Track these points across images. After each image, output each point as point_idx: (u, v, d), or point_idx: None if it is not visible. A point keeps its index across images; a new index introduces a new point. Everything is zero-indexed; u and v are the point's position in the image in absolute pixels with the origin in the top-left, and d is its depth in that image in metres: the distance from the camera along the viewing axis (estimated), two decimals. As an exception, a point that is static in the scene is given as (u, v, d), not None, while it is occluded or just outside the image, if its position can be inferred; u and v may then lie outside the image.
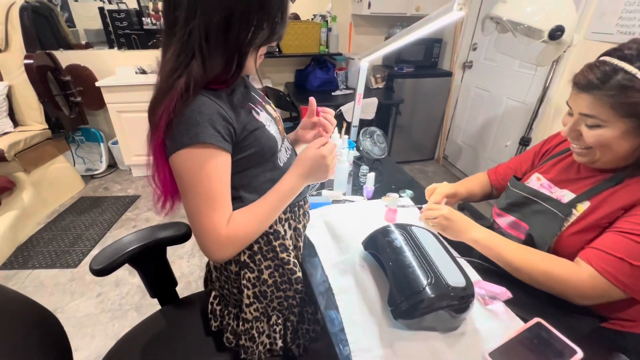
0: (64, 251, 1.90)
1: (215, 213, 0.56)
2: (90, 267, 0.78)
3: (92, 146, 2.82)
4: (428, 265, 0.58)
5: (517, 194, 0.82)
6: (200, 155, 0.54)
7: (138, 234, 0.87)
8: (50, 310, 1.47)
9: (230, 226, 0.58)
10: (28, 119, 2.24)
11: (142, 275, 0.91)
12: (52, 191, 2.31)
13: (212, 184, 0.55)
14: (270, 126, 0.65)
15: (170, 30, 0.53)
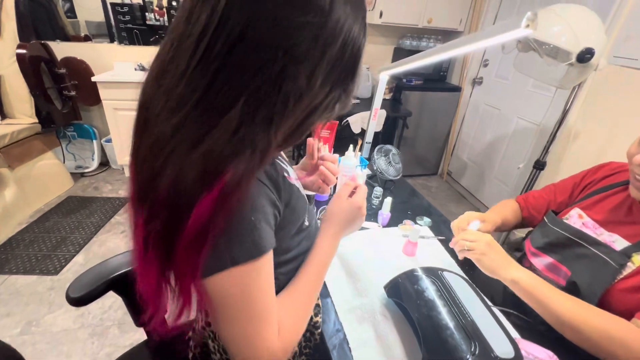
0: (45, 256, 1.77)
1: (267, 329, 0.42)
2: (67, 295, 0.67)
3: (85, 143, 2.69)
4: (469, 327, 0.48)
5: (557, 233, 0.73)
6: (254, 270, 0.39)
7: (123, 258, 0.76)
8: (25, 323, 1.34)
9: (283, 334, 0.44)
10: (17, 111, 2.11)
11: (127, 302, 0.80)
12: (38, 189, 2.18)
13: (265, 298, 0.42)
14: (299, 185, 0.54)
15: (225, 74, 0.32)
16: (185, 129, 0.33)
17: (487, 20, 2.47)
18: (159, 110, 0.34)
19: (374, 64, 2.80)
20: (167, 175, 0.33)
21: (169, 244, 0.35)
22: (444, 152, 3.04)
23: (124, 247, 1.87)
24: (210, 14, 0.31)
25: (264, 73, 0.32)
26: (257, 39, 0.31)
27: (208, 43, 0.31)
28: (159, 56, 0.36)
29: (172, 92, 0.33)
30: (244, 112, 0.33)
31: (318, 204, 1.00)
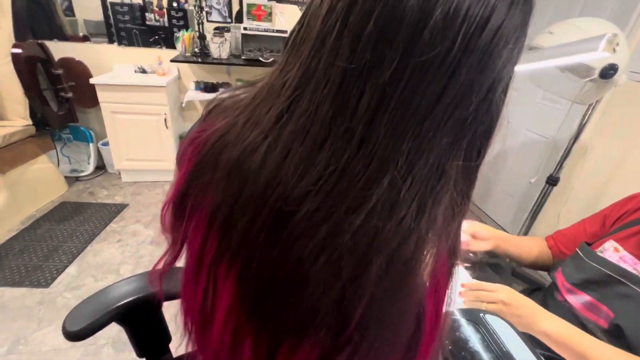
0: (35, 266, 1.68)
1: None
2: (64, 328, 0.59)
3: (80, 145, 2.60)
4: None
5: (595, 269, 0.68)
6: None
7: (128, 284, 0.69)
8: (12, 341, 1.25)
9: None
10: (10, 113, 2.02)
11: (130, 334, 0.72)
12: (30, 194, 2.09)
13: None
14: None
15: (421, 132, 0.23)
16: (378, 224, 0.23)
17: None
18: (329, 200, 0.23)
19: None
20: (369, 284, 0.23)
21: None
22: (448, 162, 3.00)
23: (119, 258, 1.79)
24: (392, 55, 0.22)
25: (475, 123, 0.25)
26: (460, 86, 0.23)
27: (392, 95, 0.22)
28: (291, 122, 0.25)
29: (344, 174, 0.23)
30: (455, 174, 0.25)
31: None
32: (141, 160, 2.44)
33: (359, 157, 0.23)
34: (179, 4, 2.46)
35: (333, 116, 0.23)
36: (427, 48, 0.21)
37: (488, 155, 0.28)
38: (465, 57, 0.22)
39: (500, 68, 0.24)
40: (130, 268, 1.73)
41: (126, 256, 1.81)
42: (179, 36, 2.38)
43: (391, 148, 0.22)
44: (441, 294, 0.26)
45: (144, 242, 1.92)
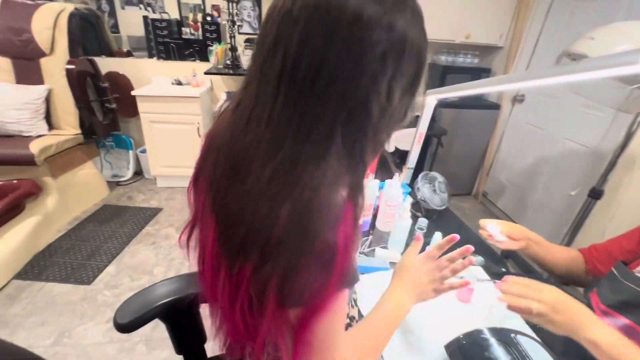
0: (79, 264, 1.81)
1: (338, 345, 0.41)
2: (115, 320, 0.66)
3: (121, 152, 2.79)
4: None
5: (633, 290, 0.63)
6: (344, 298, 0.39)
7: (170, 284, 0.74)
8: (58, 333, 1.35)
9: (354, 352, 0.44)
10: (63, 123, 2.22)
11: (170, 331, 0.77)
12: (77, 197, 2.27)
13: (340, 332, 0.41)
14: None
15: (318, 107, 0.33)
16: (284, 174, 0.33)
17: (531, 35, 2.34)
18: (249, 159, 0.35)
19: (406, 80, 2.73)
20: (281, 219, 0.32)
21: (291, 283, 0.34)
22: (479, 172, 2.89)
23: (153, 259, 1.89)
24: (283, 57, 0.32)
25: (350, 100, 0.33)
26: (333, 71, 0.31)
27: (287, 86, 0.32)
28: (239, 109, 0.38)
29: (261, 140, 0.34)
30: (340, 141, 0.33)
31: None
32: (175, 167, 2.57)
33: (270, 130, 0.34)
34: (213, 18, 2.60)
35: (254, 106, 0.35)
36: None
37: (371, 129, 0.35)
38: (333, 47, 0.31)
39: (365, 59, 0.32)
40: (163, 270, 1.81)
41: (159, 258, 1.90)
42: (213, 49, 2.50)
43: (291, 121, 0.33)
44: (349, 229, 0.34)
45: (176, 245, 2.02)
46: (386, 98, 0.34)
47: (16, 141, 1.94)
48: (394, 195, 0.87)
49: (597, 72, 0.56)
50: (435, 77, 2.65)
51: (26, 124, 2.03)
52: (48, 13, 2.09)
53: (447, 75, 2.57)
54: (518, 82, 0.74)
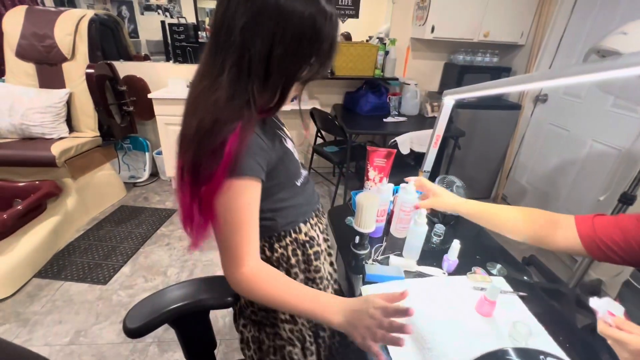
0: (96, 264, 1.85)
1: (239, 245, 0.56)
2: (125, 325, 0.65)
3: (138, 154, 2.85)
4: None
5: None
6: (239, 187, 0.54)
7: (179, 289, 0.73)
8: (74, 332, 1.37)
9: (255, 271, 0.57)
10: (83, 125, 2.28)
11: (179, 335, 0.76)
12: (95, 198, 2.32)
13: (241, 216, 0.55)
14: (294, 152, 0.67)
15: (222, 53, 0.50)
16: (205, 93, 0.51)
17: (555, 32, 2.24)
18: (195, 85, 0.54)
19: (421, 80, 2.67)
20: (195, 119, 0.50)
21: (197, 168, 0.51)
22: (498, 175, 2.79)
23: (167, 260, 1.90)
24: (213, 24, 0.52)
25: (238, 49, 0.48)
26: (231, 28, 0.48)
27: (211, 43, 0.52)
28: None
29: (200, 74, 0.53)
30: (234, 77, 0.50)
31: (372, 240, 0.91)
32: (190, 169, 2.60)
33: (200, 73, 0.54)
34: (228, 22, 2.62)
35: (203, 73, 0.53)
36: None
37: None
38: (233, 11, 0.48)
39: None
40: (176, 271, 1.83)
41: (173, 259, 1.92)
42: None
43: (207, 64, 0.52)
44: (236, 138, 0.49)
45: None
46: (265, 52, 0.48)
47: (38, 143, 2.00)
48: (409, 200, 0.83)
49: (631, 69, 0.51)
50: (452, 77, 2.57)
51: (48, 127, 2.10)
52: (70, 19, 2.15)
53: (465, 75, 2.49)
54: (543, 80, 0.68)
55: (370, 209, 0.73)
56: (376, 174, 0.94)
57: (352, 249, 0.84)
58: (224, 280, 0.79)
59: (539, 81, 0.72)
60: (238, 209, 0.54)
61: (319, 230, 0.73)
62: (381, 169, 0.93)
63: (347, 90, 2.76)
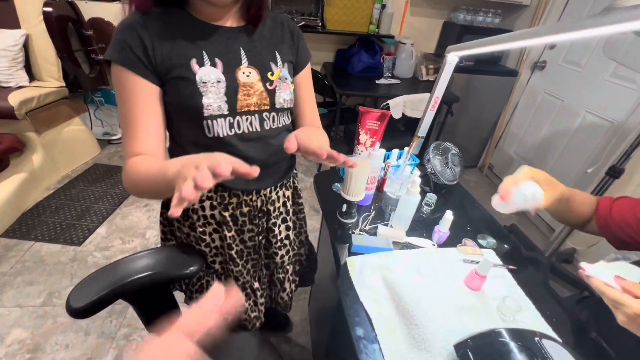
0: (69, 225, 1.76)
1: (127, 138, 0.56)
2: (68, 304, 0.57)
3: (112, 109, 2.64)
4: None
5: None
6: (118, 73, 0.54)
7: (139, 260, 0.65)
8: (47, 293, 1.31)
9: (134, 162, 0.55)
10: (44, 73, 2.05)
11: (138, 311, 0.70)
12: (65, 155, 2.16)
13: (127, 108, 0.55)
14: (210, 89, 0.57)
15: None
16: None
17: (562, -7, 2.09)
18: None
19: (418, 40, 2.51)
20: None
21: None
22: (487, 144, 2.76)
23: (145, 222, 1.83)
24: None
25: None
26: None
27: None
28: None
29: None
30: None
31: (359, 209, 0.85)
32: (168, 127, 2.44)
33: None
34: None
35: None
36: None
37: None
38: None
39: None
40: (155, 233, 1.76)
41: (152, 221, 1.84)
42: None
43: None
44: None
45: (169, 208, 1.95)
46: None
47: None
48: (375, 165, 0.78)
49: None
50: (451, 37, 2.42)
51: (4, 74, 1.87)
52: (18, -57, 1.84)
53: (464, 36, 2.34)
54: (555, 34, 0.59)
55: (360, 176, 0.67)
56: (368, 138, 0.86)
57: (339, 218, 0.79)
58: (188, 248, 0.72)
59: (551, 34, 0.64)
60: (121, 98, 0.55)
61: (238, 213, 0.68)
62: (373, 132, 0.86)
63: (339, 47, 2.57)
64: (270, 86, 0.62)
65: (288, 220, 0.78)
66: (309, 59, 0.72)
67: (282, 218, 0.77)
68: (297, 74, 0.70)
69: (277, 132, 0.66)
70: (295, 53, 0.68)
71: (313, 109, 0.76)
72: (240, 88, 0.59)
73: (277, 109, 0.64)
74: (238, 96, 0.59)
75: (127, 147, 0.56)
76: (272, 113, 0.64)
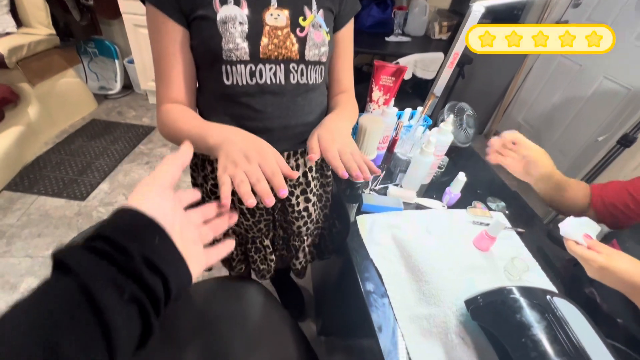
0: (71, 180, 1.75)
1: (159, 81, 0.56)
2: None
3: (107, 62, 2.51)
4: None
5: None
6: (149, 14, 0.52)
7: None
8: (55, 245, 1.34)
9: (169, 107, 0.55)
10: (32, 19, 1.92)
11: None
12: (62, 108, 2.10)
13: (158, 50, 0.54)
14: (231, 30, 0.51)
15: None
16: None
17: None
18: None
19: (432, -7, 2.33)
20: None
21: None
22: (495, 110, 2.69)
23: (148, 180, 1.82)
24: None
25: None
26: None
27: None
28: None
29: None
30: None
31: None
32: (167, 82, 2.34)
33: None
34: None
35: None
36: None
37: None
38: None
39: None
40: (159, 190, 1.76)
41: (154, 179, 1.84)
42: None
43: None
44: None
45: (171, 166, 1.94)
46: None
47: (-20, 37, 1.69)
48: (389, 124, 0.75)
49: None
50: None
51: (-11, 17, 1.75)
52: None
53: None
54: None
55: (374, 134, 0.64)
56: (381, 95, 0.82)
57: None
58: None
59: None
60: (152, 39, 0.54)
61: None
62: (387, 89, 0.81)
63: None
64: (301, 33, 0.54)
65: (308, 192, 0.69)
66: (356, 9, 0.63)
67: (302, 189, 0.69)
68: (339, 28, 0.62)
69: (305, 89, 0.59)
70: (339, 1, 0.59)
71: (349, 73, 0.68)
72: (265, 31, 0.52)
73: (307, 62, 0.57)
74: (262, 41, 0.52)
75: (160, 92, 0.56)
76: (301, 65, 0.56)
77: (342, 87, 0.69)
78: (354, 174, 0.47)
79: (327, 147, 0.50)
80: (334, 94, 0.69)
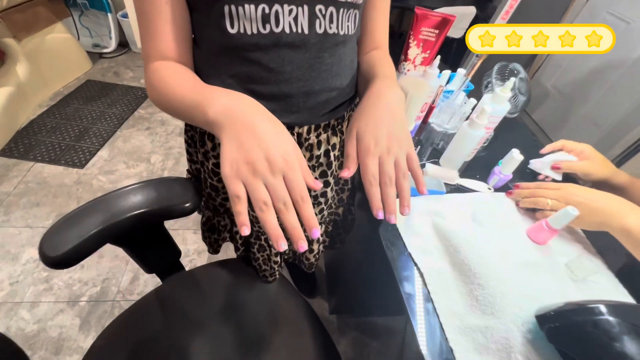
0: (69, 146, 1.65)
1: (144, 32, 0.43)
2: (43, 253, 0.45)
3: (99, 15, 2.30)
4: None
5: None
6: None
7: (125, 196, 0.52)
8: (55, 215, 1.27)
9: (158, 66, 0.43)
10: (11, -37, 1.71)
11: (131, 254, 0.61)
12: (54, 68, 1.94)
13: (153, 16, 0.41)
14: None
15: None
16: None
17: None
18: None
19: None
20: None
21: None
22: (522, 75, 2.47)
23: (149, 147, 1.72)
24: None
25: None
26: None
27: None
28: None
29: None
30: None
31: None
32: (165, 39, 2.14)
33: None
34: None
35: None
36: None
37: None
38: None
39: None
40: (161, 158, 1.66)
41: (156, 145, 1.73)
42: None
43: None
44: None
45: (173, 132, 1.82)
46: None
47: (-47, -17, 1.51)
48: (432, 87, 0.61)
49: None
50: None
51: (-39, -40, 1.55)
52: None
53: None
54: None
55: (416, 101, 0.52)
56: (419, 53, 0.68)
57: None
58: (184, 181, 0.60)
59: None
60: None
61: None
62: (428, 45, 0.67)
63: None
64: None
65: (328, 174, 0.58)
66: None
67: (322, 171, 0.57)
68: None
69: (334, 42, 0.45)
70: None
71: (384, 25, 0.54)
72: None
73: (339, 2, 0.42)
74: None
75: (145, 46, 0.43)
76: (330, 8, 0.42)
77: (376, 43, 0.55)
78: (387, 216, 0.36)
79: (365, 157, 0.37)
80: (365, 51, 0.55)
